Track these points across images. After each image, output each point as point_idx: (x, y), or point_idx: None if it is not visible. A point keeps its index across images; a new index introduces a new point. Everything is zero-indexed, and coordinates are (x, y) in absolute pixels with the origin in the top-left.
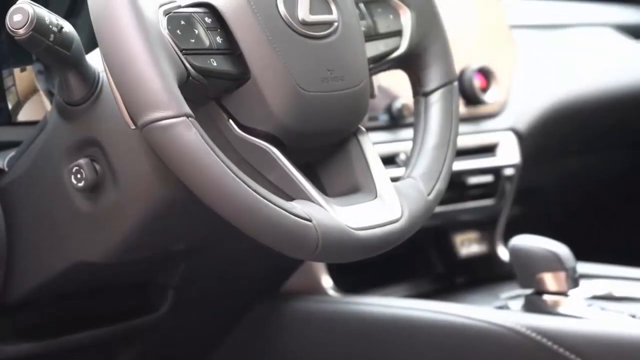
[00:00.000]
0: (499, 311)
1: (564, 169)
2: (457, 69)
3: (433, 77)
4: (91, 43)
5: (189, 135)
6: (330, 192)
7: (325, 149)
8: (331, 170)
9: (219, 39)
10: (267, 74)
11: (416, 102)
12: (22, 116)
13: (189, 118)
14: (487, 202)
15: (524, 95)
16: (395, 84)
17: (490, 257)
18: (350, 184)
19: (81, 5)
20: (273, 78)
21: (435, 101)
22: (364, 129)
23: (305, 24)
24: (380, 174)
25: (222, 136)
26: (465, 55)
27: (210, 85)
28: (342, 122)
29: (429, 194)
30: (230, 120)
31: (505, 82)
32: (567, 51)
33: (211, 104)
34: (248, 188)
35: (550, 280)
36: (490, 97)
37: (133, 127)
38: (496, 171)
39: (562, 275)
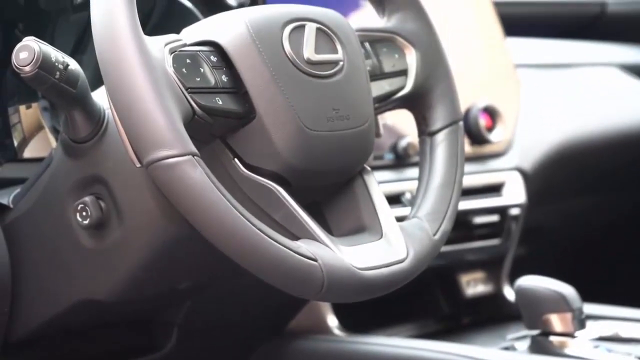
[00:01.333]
0: (505, 352)
1: (570, 209)
2: (463, 107)
3: (438, 117)
4: (97, 80)
5: (195, 174)
6: (335, 231)
7: (330, 188)
8: (337, 209)
9: (224, 78)
10: (272, 113)
11: (421, 142)
12: (27, 153)
13: (195, 157)
14: (493, 241)
15: (530, 135)
16: (400, 122)
17: (496, 297)
18: (355, 224)
19: (87, 42)
20: (278, 117)
21: (441, 141)
22: (369, 168)
23: (310, 63)
24: (386, 213)
25: (228, 175)
26: (470, 94)
27: (216, 123)
28: (348, 162)
29: (434, 234)
30: (236, 159)
31: (510, 121)
32: (573, 91)
33: (216, 143)
34: (253, 227)
35: (556, 321)
36: (496, 136)
37: (138, 165)
38: (502, 211)
39: (568, 316)
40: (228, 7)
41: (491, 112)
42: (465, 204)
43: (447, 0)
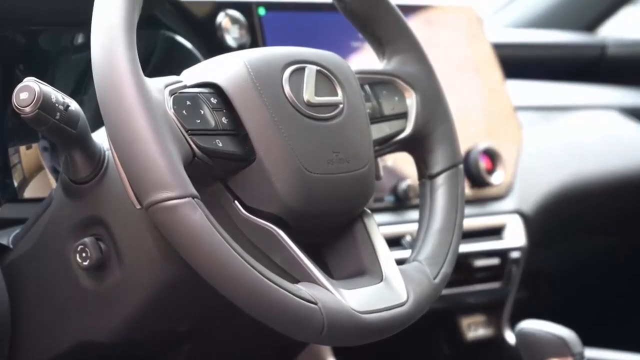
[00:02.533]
0: None
1: (570, 252)
2: (463, 150)
3: (438, 160)
4: (97, 120)
5: (195, 216)
6: (336, 274)
7: (331, 231)
8: (337, 252)
9: (224, 120)
10: (272, 156)
11: (421, 185)
12: (27, 193)
13: (195, 199)
14: (493, 285)
15: (530, 178)
16: (401, 164)
17: (497, 340)
18: (356, 267)
19: (87, 82)
20: (278, 159)
21: (441, 184)
22: (369, 211)
23: (310, 105)
24: (386, 257)
25: (228, 217)
26: (470, 136)
27: (216, 165)
28: (348, 205)
29: (435, 278)
30: (236, 201)
31: (511, 164)
32: (573, 134)
33: (217, 185)
34: (253, 270)
35: None
36: (496, 179)
37: (138, 206)
38: (503, 254)
39: None
40: (228, 48)
41: (491, 155)
42: (466, 247)
43: (446, 43)
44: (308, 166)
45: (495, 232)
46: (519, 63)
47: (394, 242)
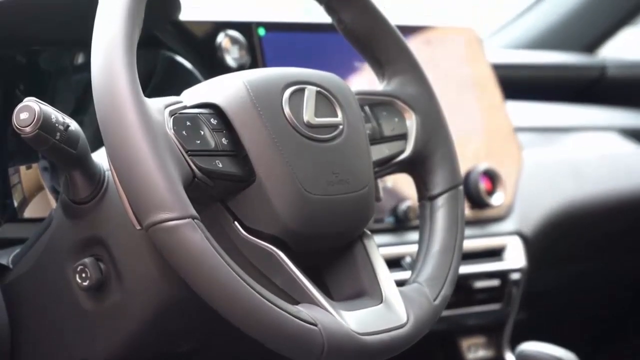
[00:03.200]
0: None
1: (571, 274)
2: (463, 171)
3: (438, 181)
4: (97, 140)
5: (194, 237)
6: (336, 296)
7: (331, 252)
8: (337, 274)
9: (224, 140)
10: (272, 177)
11: (421, 206)
12: (27, 213)
13: (195, 220)
14: (493, 306)
15: (530, 199)
16: (401, 185)
17: None
18: (356, 288)
19: (87, 102)
20: (278, 180)
21: (441, 205)
22: (369, 232)
23: (310, 126)
24: (386, 278)
25: (228, 238)
26: (470, 157)
27: (216, 186)
28: (348, 226)
29: (435, 299)
30: (236, 222)
31: (511, 185)
32: (573, 155)
33: (217, 205)
34: (253, 291)
35: None
36: (496, 200)
37: (138, 227)
38: (503, 275)
39: None
40: (228, 69)
41: (491, 176)
42: (466, 269)
43: (446, 64)
44: (308, 187)
45: (495, 253)
46: (518, 84)
47: (394, 263)
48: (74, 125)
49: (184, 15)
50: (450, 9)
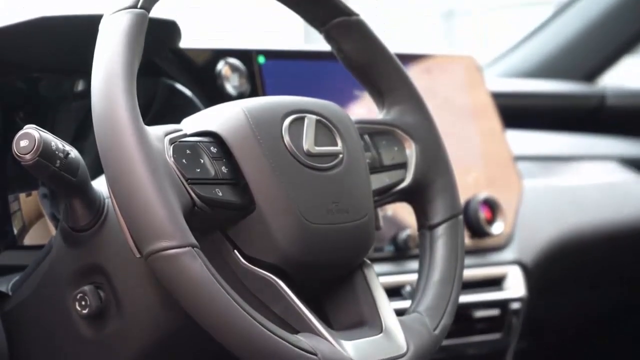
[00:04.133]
0: None
1: (571, 303)
2: (463, 199)
3: (438, 211)
4: (97, 167)
5: (194, 266)
6: (335, 325)
7: (330, 281)
8: (337, 303)
9: (224, 169)
10: (272, 205)
11: (421, 236)
12: (27, 240)
13: (194, 248)
14: (494, 336)
15: (530, 228)
16: (401, 214)
17: None
18: (355, 318)
19: (87, 129)
20: (278, 209)
21: (441, 235)
22: (369, 261)
23: (310, 155)
24: (386, 308)
25: (227, 267)
26: (470, 186)
27: (216, 215)
28: (347, 255)
29: (435, 329)
30: (236, 251)
31: (511, 214)
32: (573, 184)
33: (216, 234)
34: (253, 320)
35: None
36: (496, 229)
37: (138, 255)
38: (503, 305)
39: None
40: (228, 96)
41: (491, 205)
42: (466, 298)
43: (446, 92)
44: (308, 216)
45: (495, 282)
46: (518, 112)
47: (394, 292)
48: (74, 153)
49: (184, 43)
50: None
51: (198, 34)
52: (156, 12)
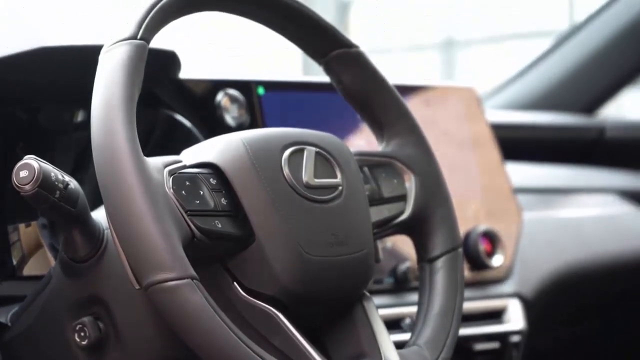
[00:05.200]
0: None
1: (571, 336)
2: (462, 232)
3: (438, 243)
4: (97, 198)
5: (194, 298)
6: (335, 358)
7: (330, 313)
8: (336, 335)
9: (223, 201)
10: (271, 237)
11: (421, 268)
12: (26, 271)
13: (194, 280)
14: None
15: (530, 260)
16: (400, 246)
17: None
18: (355, 351)
19: (87, 160)
20: (277, 241)
21: (440, 267)
22: (368, 294)
23: (309, 187)
24: (386, 341)
25: (227, 299)
26: (470, 218)
27: (215, 246)
28: (347, 288)
29: None
30: (235, 283)
31: (510, 246)
32: (572, 216)
33: (216, 266)
34: (252, 353)
35: None
36: (496, 262)
37: (137, 287)
38: (503, 337)
39: None
40: (228, 127)
41: (491, 237)
42: (466, 331)
43: (446, 123)
44: (307, 249)
45: (495, 315)
46: (517, 144)
47: (394, 324)
48: (73, 184)
49: (184, 74)
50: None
51: (198, 61)
52: (156, 42)
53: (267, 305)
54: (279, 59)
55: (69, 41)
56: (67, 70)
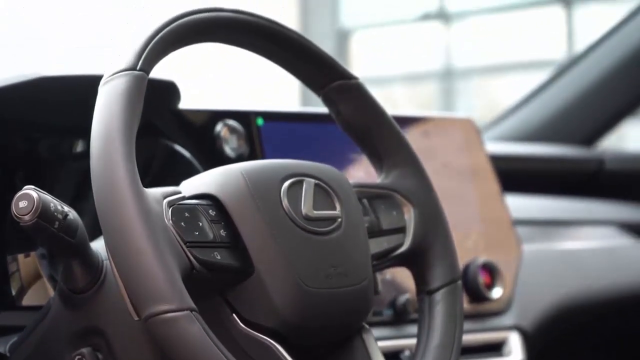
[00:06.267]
0: None
1: None
2: (461, 263)
3: (437, 276)
4: (96, 228)
5: (192, 330)
6: None
7: (329, 345)
8: None
9: (222, 232)
10: (270, 269)
11: (420, 301)
12: (25, 301)
13: (193, 312)
14: None
15: (529, 293)
16: (399, 277)
17: None
18: None
19: (86, 190)
20: (276, 273)
21: (440, 300)
22: (367, 326)
23: (308, 219)
24: None
25: (226, 330)
26: (469, 249)
27: (214, 278)
28: (346, 320)
29: None
30: (234, 315)
31: (510, 278)
32: (572, 249)
33: (215, 298)
34: None
35: None
36: (495, 294)
37: (137, 318)
38: None
39: None
40: (227, 158)
41: (490, 269)
42: None
43: (445, 154)
44: (307, 281)
45: (494, 348)
46: (516, 176)
47: (393, 356)
48: (72, 214)
49: (183, 104)
50: None
51: (197, 92)
52: (155, 72)
53: (266, 337)
54: (277, 89)
55: (68, 71)
56: (66, 100)
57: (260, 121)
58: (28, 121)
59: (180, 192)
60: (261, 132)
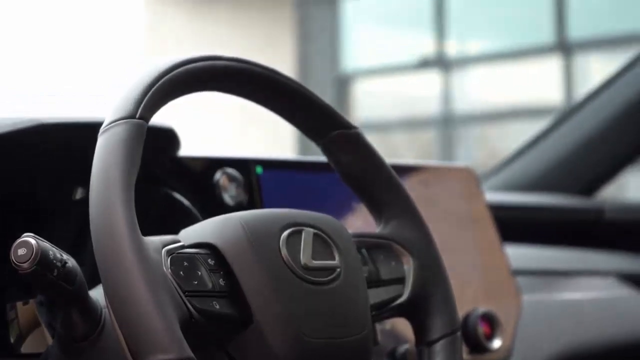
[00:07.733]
0: None
1: None
2: (461, 313)
3: (436, 326)
4: (95, 276)
5: None
6: None
7: None
8: None
9: (221, 282)
10: (269, 319)
11: (419, 352)
12: (24, 349)
13: None
14: None
15: (529, 343)
16: (399, 327)
17: None
18: None
19: (85, 238)
20: (276, 323)
21: (439, 351)
22: None
23: (307, 269)
24: None
25: None
26: (469, 299)
27: (213, 327)
28: None
29: None
30: None
31: (510, 329)
32: (571, 299)
33: (214, 349)
34: None
35: None
36: (495, 345)
37: None
38: None
39: None
40: (226, 207)
41: (490, 320)
42: None
43: (444, 203)
44: (306, 330)
45: None
46: (516, 226)
47: None
48: (71, 262)
49: (182, 151)
50: None
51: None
52: (154, 118)
53: None
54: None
55: (67, 117)
56: (65, 147)
57: (259, 169)
58: (26, 168)
59: (179, 241)
60: (260, 180)
